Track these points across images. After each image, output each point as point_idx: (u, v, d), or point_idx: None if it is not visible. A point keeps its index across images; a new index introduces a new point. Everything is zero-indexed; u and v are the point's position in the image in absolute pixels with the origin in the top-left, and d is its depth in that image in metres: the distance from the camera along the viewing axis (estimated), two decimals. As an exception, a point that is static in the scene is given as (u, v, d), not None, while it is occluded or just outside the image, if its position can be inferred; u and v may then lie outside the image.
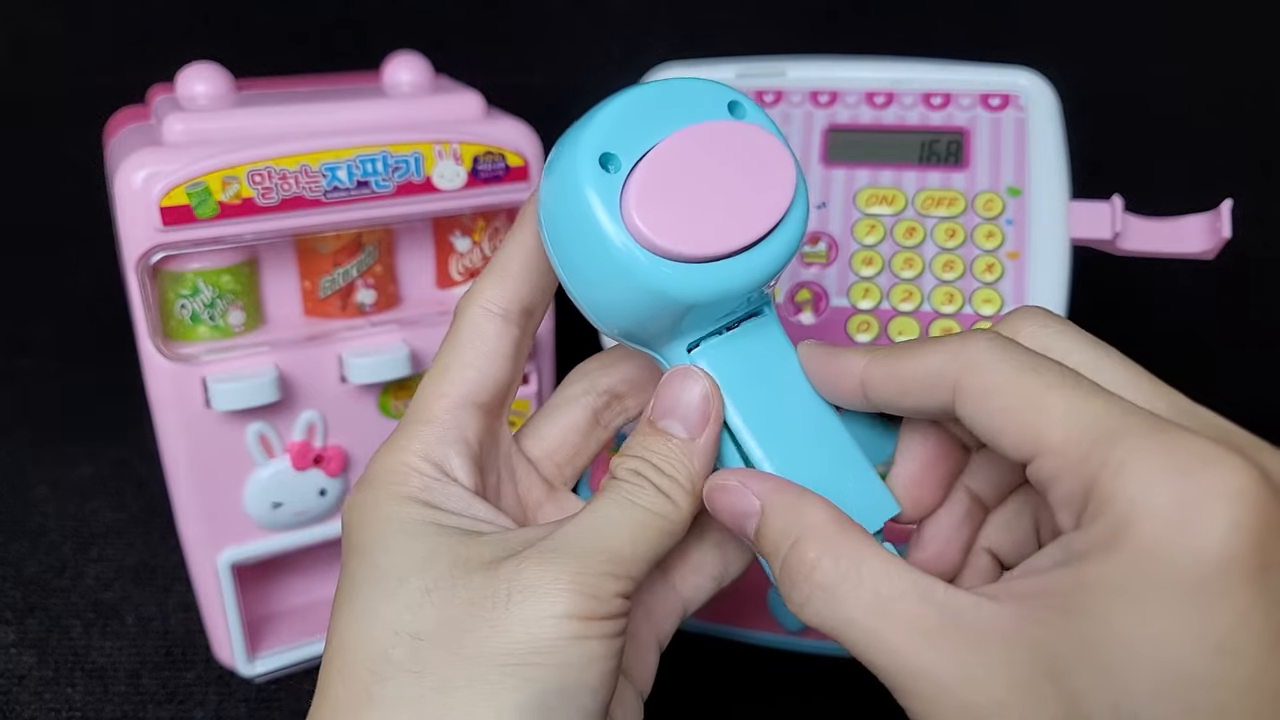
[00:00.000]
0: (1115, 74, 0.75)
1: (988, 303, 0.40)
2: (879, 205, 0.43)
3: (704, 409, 0.27)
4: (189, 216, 0.38)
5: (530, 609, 0.23)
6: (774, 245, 0.26)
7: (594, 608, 0.24)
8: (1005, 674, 0.21)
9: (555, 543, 0.25)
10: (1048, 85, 0.43)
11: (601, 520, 0.26)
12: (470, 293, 0.29)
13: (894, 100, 0.45)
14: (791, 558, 0.24)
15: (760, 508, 0.26)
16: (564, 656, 0.23)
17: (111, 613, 0.49)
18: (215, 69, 0.43)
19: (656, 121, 0.25)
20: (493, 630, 0.23)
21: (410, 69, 0.45)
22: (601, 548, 0.25)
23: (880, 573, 0.23)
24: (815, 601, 0.24)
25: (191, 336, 0.41)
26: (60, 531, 0.54)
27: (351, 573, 0.26)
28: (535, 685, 0.23)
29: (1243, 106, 0.77)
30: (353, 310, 0.44)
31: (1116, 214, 0.40)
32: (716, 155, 0.26)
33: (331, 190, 0.40)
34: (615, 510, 0.26)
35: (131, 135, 0.40)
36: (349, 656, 0.24)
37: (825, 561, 0.24)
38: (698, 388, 0.27)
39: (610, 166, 0.25)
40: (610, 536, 0.25)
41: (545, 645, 0.23)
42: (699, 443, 0.27)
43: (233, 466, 0.42)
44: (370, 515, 0.26)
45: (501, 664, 0.23)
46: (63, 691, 0.44)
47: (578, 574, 0.24)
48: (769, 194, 0.26)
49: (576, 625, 0.23)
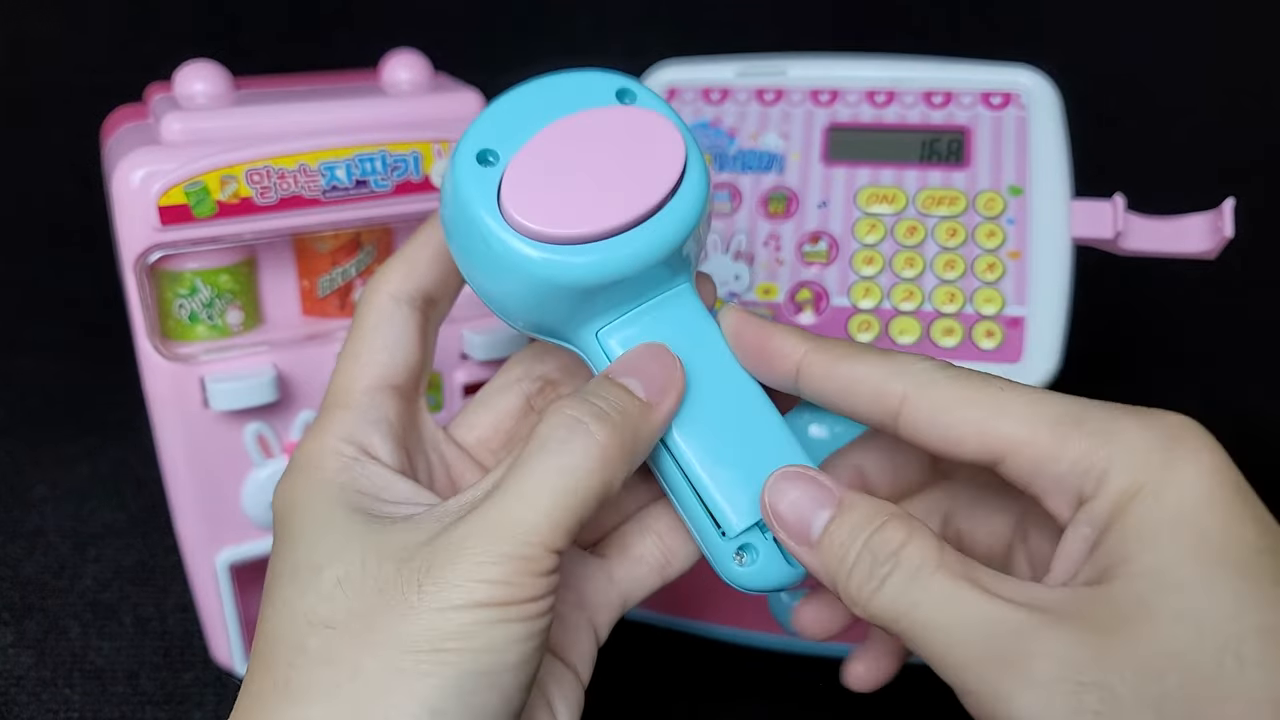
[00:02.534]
0: (1117, 73, 0.75)
1: (989, 302, 0.40)
2: (880, 204, 0.43)
3: (668, 375, 0.26)
4: (187, 216, 0.37)
5: (442, 598, 0.23)
6: (666, 220, 0.26)
7: (510, 594, 0.23)
8: (1084, 656, 0.21)
9: (468, 527, 0.24)
10: (1049, 84, 0.43)
11: (518, 494, 0.24)
12: (375, 281, 0.29)
13: (895, 99, 0.45)
14: (877, 539, 0.24)
15: (838, 502, 0.25)
16: (480, 641, 0.23)
17: (109, 613, 0.48)
18: (213, 68, 0.42)
19: (539, 114, 0.26)
20: (404, 619, 0.23)
21: (409, 67, 0.45)
22: (514, 530, 0.24)
23: (959, 555, 0.24)
24: (896, 580, 0.23)
25: (190, 336, 0.41)
26: (58, 532, 0.54)
27: (273, 563, 0.26)
28: (451, 669, 0.23)
29: (1245, 105, 0.77)
30: (351, 310, 0.43)
31: (1118, 213, 0.40)
32: (597, 140, 0.26)
33: (330, 189, 0.40)
34: (532, 482, 0.24)
35: (129, 134, 0.40)
36: (269, 648, 0.24)
37: (917, 540, 0.24)
38: (664, 355, 0.26)
39: (489, 161, 0.26)
40: (526, 514, 0.24)
41: (459, 631, 0.23)
42: (658, 410, 0.26)
43: (231, 467, 0.42)
44: (291, 502, 0.26)
45: (415, 650, 0.23)
46: (61, 692, 0.44)
47: (485, 562, 0.23)
48: (654, 171, 0.26)
49: (486, 612, 0.23)
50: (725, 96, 0.46)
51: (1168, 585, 0.21)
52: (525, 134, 0.26)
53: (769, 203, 0.44)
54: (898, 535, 0.24)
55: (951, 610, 0.23)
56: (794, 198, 0.44)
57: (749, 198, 0.44)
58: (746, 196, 0.44)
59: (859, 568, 0.24)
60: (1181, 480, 0.22)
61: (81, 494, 0.57)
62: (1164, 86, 0.78)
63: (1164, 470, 0.22)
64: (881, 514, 0.25)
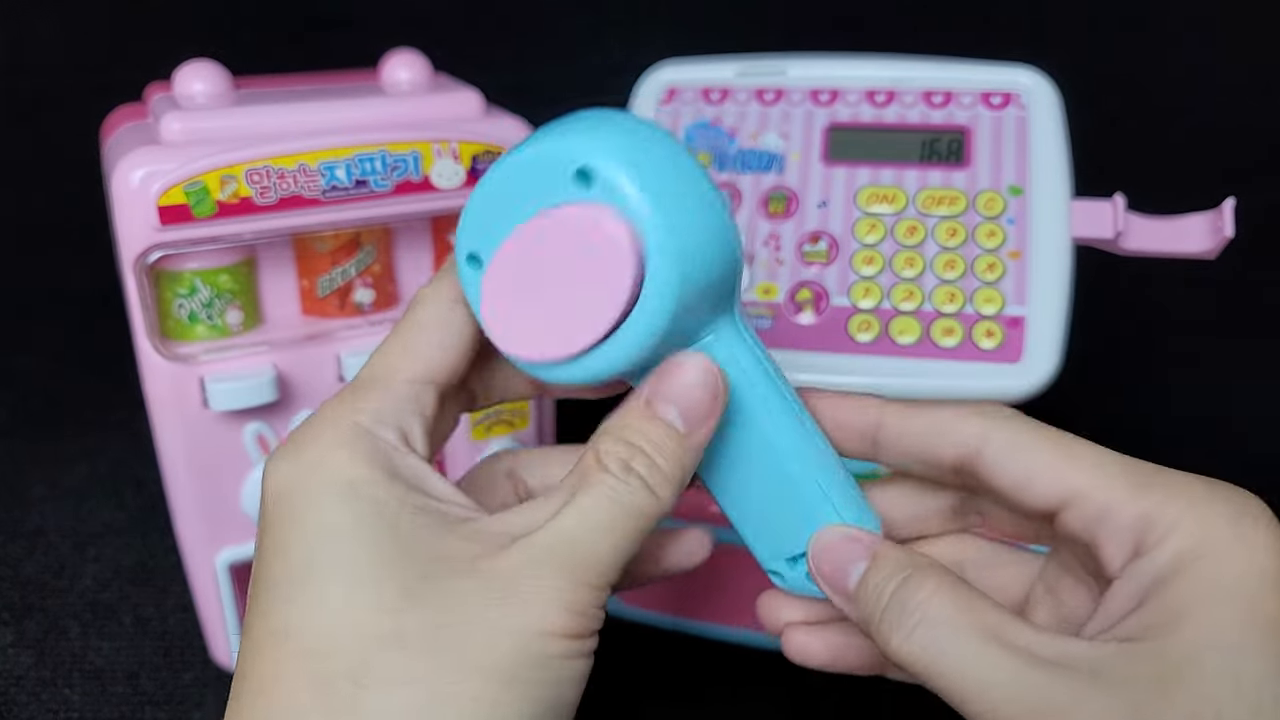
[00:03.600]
0: (1117, 73, 0.75)
1: (989, 302, 0.40)
2: (880, 204, 0.43)
3: (711, 406, 0.25)
4: (187, 215, 0.37)
5: (522, 621, 0.22)
6: (629, 331, 0.24)
7: (582, 625, 0.23)
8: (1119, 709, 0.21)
9: (544, 550, 0.23)
10: (1049, 83, 0.43)
11: (590, 525, 0.24)
12: (437, 284, 0.27)
13: (895, 99, 0.45)
14: (904, 591, 0.25)
15: (872, 553, 0.26)
16: (555, 674, 0.22)
17: (109, 613, 0.48)
18: (213, 67, 0.42)
19: (509, 209, 0.24)
20: (484, 640, 0.22)
21: (409, 67, 0.45)
22: (590, 558, 0.23)
23: (988, 606, 0.24)
24: (923, 630, 0.24)
25: (189, 336, 0.41)
26: (58, 532, 0.54)
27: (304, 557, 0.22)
28: (526, 703, 0.22)
29: (1245, 105, 0.77)
30: (351, 310, 0.43)
31: (1118, 213, 0.40)
32: (553, 251, 0.24)
33: (330, 189, 0.39)
34: (603, 513, 0.24)
35: (129, 134, 0.40)
36: (321, 662, 0.21)
37: (942, 591, 0.25)
38: (709, 380, 0.25)
39: (477, 262, 0.26)
40: (597, 543, 0.24)
41: (536, 660, 0.22)
42: (696, 438, 0.25)
43: (230, 466, 0.42)
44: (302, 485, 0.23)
45: (492, 677, 0.22)
46: (60, 692, 0.44)
47: (568, 588, 0.23)
48: (603, 293, 0.23)
49: (565, 644, 0.23)
50: (725, 96, 0.46)
51: (1218, 646, 0.22)
52: (499, 235, 0.25)
53: (769, 202, 0.44)
54: (925, 586, 0.25)
55: (979, 666, 0.23)
56: (794, 197, 0.44)
57: (749, 198, 0.44)
58: (746, 196, 0.44)
59: (888, 615, 0.25)
60: (1246, 552, 0.23)
61: (81, 494, 0.57)
62: (1164, 86, 0.78)
63: (1231, 539, 0.23)
64: (909, 565, 0.26)
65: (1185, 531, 0.23)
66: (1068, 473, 0.25)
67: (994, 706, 0.22)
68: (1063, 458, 0.25)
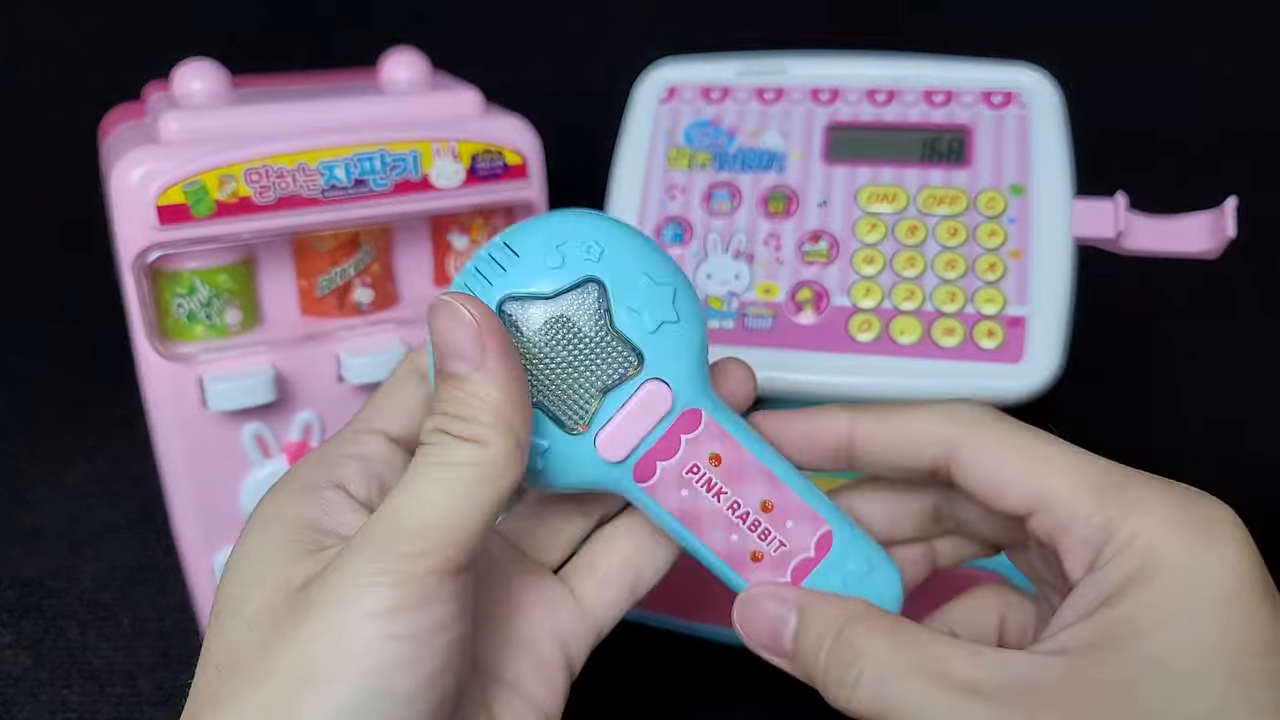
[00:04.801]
0: (1118, 72, 0.75)
1: (990, 302, 0.40)
2: (880, 203, 0.43)
3: (474, 335, 0.24)
4: (185, 215, 0.37)
5: (326, 617, 0.22)
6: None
7: (399, 597, 0.22)
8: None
9: (354, 541, 0.23)
10: (1050, 82, 0.43)
11: (402, 498, 0.23)
12: (412, 353, 0.30)
13: (896, 97, 0.45)
14: (838, 646, 0.25)
15: (798, 611, 0.26)
16: (365, 664, 0.21)
17: (108, 614, 0.48)
18: (212, 66, 0.42)
19: None
20: (291, 648, 0.22)
21: (408, 66, 0.45)
22: (403, 526, 0.23)
23: (926, 642, 0.24)
24: (866, 683, 0.24)
25: (188, 336, 0.41)
26: (56, 532, 0.54)
27: (214, 601, 0.25)
28: (331, 700, 0.21)
29: (1246, 105, 0.77)
30: (350, 309, 0.43)
31: (1120, 212, 0.40)
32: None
33: (329, 189, 0.39)
34: (418, 481, 0.24)
35: (127, 133, 0.40)
36: (193, 691, 0.23)
37: (875, 641, 0.24)
38: (457, 313, 0.24)
39: None
40: (415, 510, 0.23)
41: (343, 653, 0.21)
42: (488, 369, 0.24)
43: (229, 467, 0.41)
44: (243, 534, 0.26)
45: (297, 681, 0.21)
46: (59, 693, 0.44)
47: (375, 564, 0.22)
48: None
49: (378, 624, 0.22)
50: (725, 95, 0.46)
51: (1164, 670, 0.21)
52: None
53: (769, 202, 0.44)
54: (856, 641, 0.25)
55: (928, 708, 0.23)
56: (794, 197, 0.44)
57: (749, 197, 0.44)
58: (746, 196, 0.44)
59: (830, 673, 0.25)
60: (1204, 569, 0.22)
61: (80, 494, 0.57)
62: (1164, 86, 0.78)
63: (1190, 555, 0.22)
64: (838, 617, 0.26)
65: (1144, 545, 0.23)
66: (1037, 477, 0.25)
67: None
68: (1033, 460, 0.25)
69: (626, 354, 0.26)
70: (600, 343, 0.26)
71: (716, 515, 0.27)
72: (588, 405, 0.26)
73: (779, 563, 0.28)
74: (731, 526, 0.28)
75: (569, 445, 0.26)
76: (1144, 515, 0.23)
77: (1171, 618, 0.22)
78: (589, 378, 0.26)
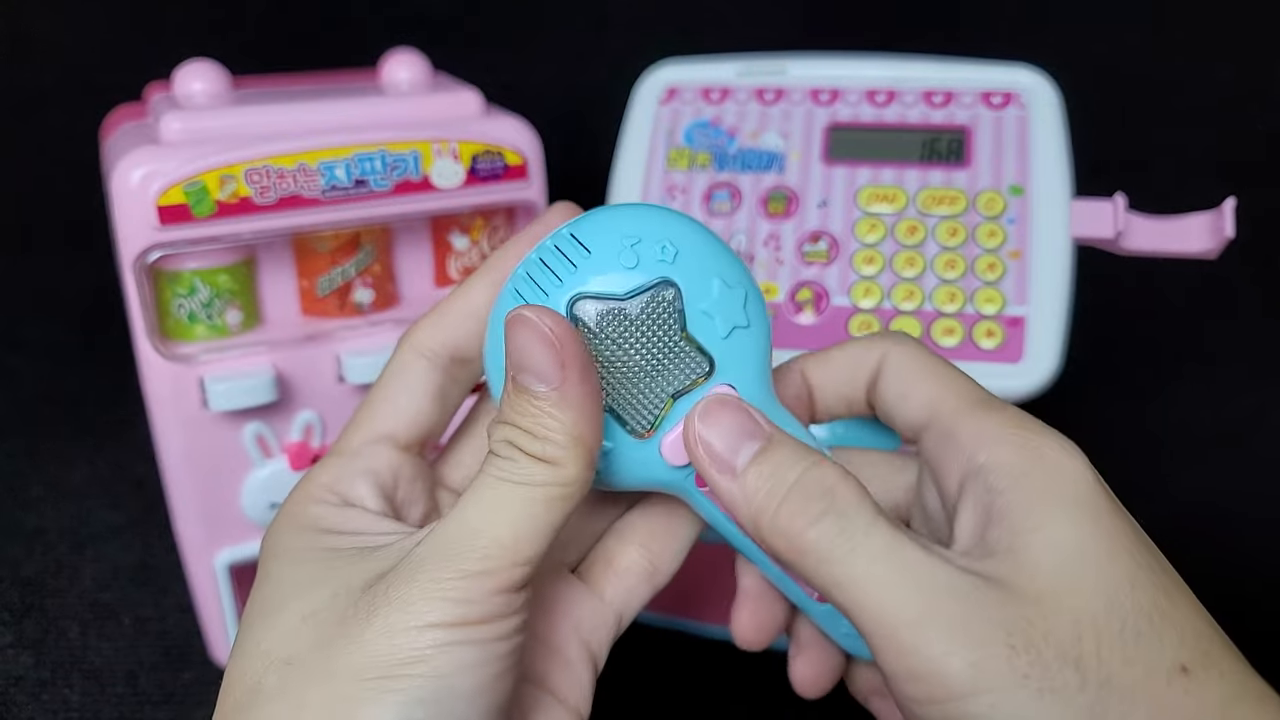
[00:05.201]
0: (1118, 72, 0.75)
1: (989, 302, 0.40)
2: (880, 204, 0.43)
3: (554, 355, 0.23)
4: (186, 215, 0.37)
5: (391, 620, 0.22)
6: None
7: (464, 613, 0.22)
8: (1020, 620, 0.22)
9: (423, 549, 0.23)
10: (1050, 83, 0.43)
11: (474, 511, 0.24)
12: (408, 330, 0.29)
13: (895, 98, 0.45)
14: (810, 475, 0.24)
15: (770, 435, 0.25)
16: (429, 666, 0.22)
17: (109, 614, 0.48)
18: (213, 67, 0.42)
19: None
20: (355, 646, 0.22)
21: (408, 66, 0.45)
22: (473, 543, 0.23)
23: (889, 523, 0.24)
24: (828, 523, 0.23)
25: (189, 336, 0.41)
26: (57, 532, 0.54)
27: (247, 607, 0.25)
28: (396, 697, 0.22)
29: (1246, 105, 0.77)
30: (350, 309, 0.43)
31: (1119, 212, 0.40)
32: None
33: (329, 189, 0.39)
34: (490, 494, 0.24)
35: (128, 134, 0.40)
36: (230, 690, 0.23)
37: (849, 486, 0.24)
38: (540, 332, 0.23)
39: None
40: (485, 527, 0.23)
41: (407, 656, 0.22)
42: (566, 389, 0.24)
43: (230, 467, 0.42)
44: (270, 546, 0.26)
45: (361, 678, 0.22)
46: (60, 693, 0.44)
47: (443, 580, 0.22)
48: None
49: (441, 634, 0.22)
50: (725, 96, 0.46)
51: (1075, 558, 0.22)
52: None
53: (769, 202, 0.44)
54: (831, 475, 0.24)
55: (891, 563, 0.23)
56: (794, 197, 0.44)
57: (749, 197, 0.44)
58: (746, 196, 0.44)
59: (789, 502, 0.24)
60: (1071, 466, 0.24)
61: (81, 494, 0.57)
62: (1164, 86, 0.78)
63: (1055, 456, 0.24)
64: (814, 455, 0.25)
65: (1012, 447, 0.24)
66: (932, 393, 0.26)
67: (901, 611, 0.22)
68: (933, 380, 0.27)
69: (698, 359, 0.25)
70: (672, 347, 0.25)
71: None
72: (656, 410, 0.26)
73: None
74: None
75: (634, 448, 0.26)
76: (1006, 425, 0.25)
77: (1061, 510, 0.23)
78: (659, 383, 0.25)
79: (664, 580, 0.30)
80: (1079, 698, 0.21)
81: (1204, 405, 0.63)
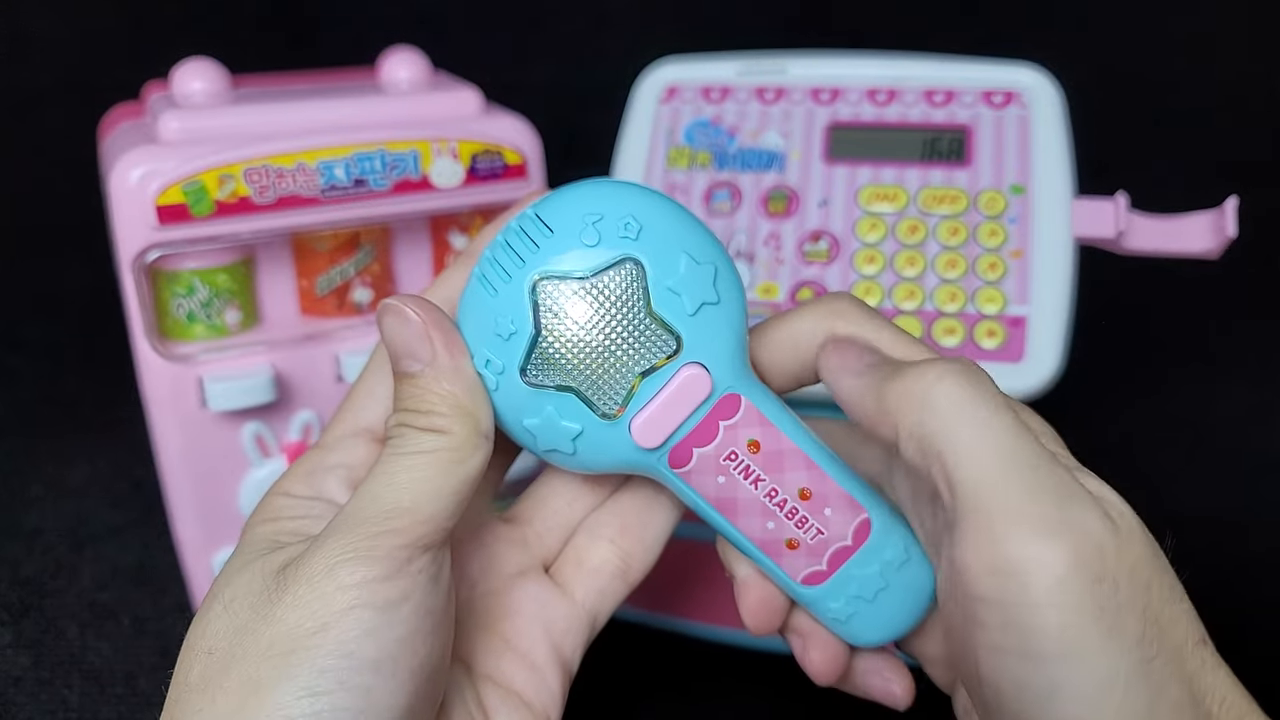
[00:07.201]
0: (1119, 71, 0.75)
1: (990, 301, 0.40)
2: (881, 203, 0.43)
3: (420, 333, 0.25)
4: (185, 215, 0.37)
5: (299, 593, 0.23)
6: None
7: (367, 571, 0.23)
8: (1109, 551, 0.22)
9: (331, 524, 0.24)
10: (1051, 82, 0.43)
11: (375, 484, 0.24)
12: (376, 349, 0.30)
13: (896, 97, 0.44)
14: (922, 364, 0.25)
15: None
16: (333, 635, 0.22)
17: (107, 614, 0.48)
18: (211, 66, 0.42)
19: None
20: (266, 625, 0.23)
21: (408, 65, 0.45)
22: (376, 508, 0.24)
23: None
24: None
25: (187, 336, 0.41)
26: (56, 532, 0.54)
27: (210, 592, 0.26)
28: (301, 669, 0.22)
29: (1248, 104, 0.77)
30: (349, 309, 0.43)
31: (1120, 212, 0.40)
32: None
33: (328, 188, 0.39)
34: (388, 467, 0.24)
35: (127, 133, 0.40)
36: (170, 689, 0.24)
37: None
38: (404, 315, 0.25)
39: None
40: (385, 493, 0.24)
41: (314, 626, 0.22)
42: (438, 364, 0.25)
43: (229, 467, 0.41)
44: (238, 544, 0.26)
45: (268, 656, 0.22)
46: (59, 693, 0.44)
47: (348, 544, 0.23)
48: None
49: (346, 595, 0.22)
50: (725, 95, 0.46)
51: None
52: None
53: (769, 201, 0.44)
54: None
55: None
56: (795, 196, 0.44)
57: (749, 197, 0.44)
58: (747, 195, 0.44)
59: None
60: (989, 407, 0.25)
61: (80, 494, 0.57)
62: (1166, 85, 0.78)
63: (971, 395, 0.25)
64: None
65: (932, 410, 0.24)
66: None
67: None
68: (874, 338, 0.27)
69: (664, 337, 0.25)
70: (637, 326, 0.25)
71: (753, 503, 0.27)
72: (622, 390, 0.25)
73: (815, 550, 0.27)
74: (769, 514, 0.27)
75: (602, 430, 0.26)
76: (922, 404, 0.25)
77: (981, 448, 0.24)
78: (624, 362, 0.25)
79: (638, 577, 0.30)
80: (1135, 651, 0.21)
81: (1204, 405, 0.63)
